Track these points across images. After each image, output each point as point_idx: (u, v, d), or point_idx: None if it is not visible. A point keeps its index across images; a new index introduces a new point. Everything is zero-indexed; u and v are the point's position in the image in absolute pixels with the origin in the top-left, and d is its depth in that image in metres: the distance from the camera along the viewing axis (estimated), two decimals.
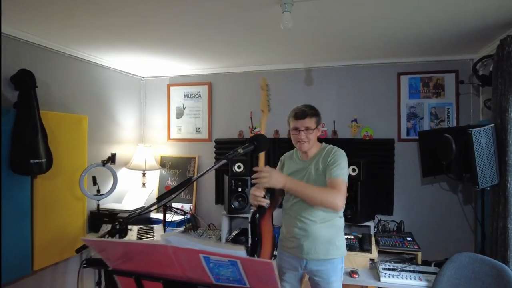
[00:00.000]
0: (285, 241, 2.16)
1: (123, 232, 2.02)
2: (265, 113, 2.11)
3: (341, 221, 2.14)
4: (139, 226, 2.72)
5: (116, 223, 1.84)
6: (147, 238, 2.46)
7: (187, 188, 4.02)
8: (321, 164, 2.04)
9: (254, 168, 1.92)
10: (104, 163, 3.26)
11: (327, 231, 2.02)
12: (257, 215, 1.98)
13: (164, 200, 1.79)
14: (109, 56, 3.57)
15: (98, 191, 3.29)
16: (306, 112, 2.04)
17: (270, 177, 1.84)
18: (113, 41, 3.04)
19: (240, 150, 1.77)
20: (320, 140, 2.24)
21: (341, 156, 2.04)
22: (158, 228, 2.74)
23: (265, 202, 1.94)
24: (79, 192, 3.14)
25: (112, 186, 3.36)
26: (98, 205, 3.30)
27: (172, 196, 1.78)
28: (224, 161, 1.75)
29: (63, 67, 3.23)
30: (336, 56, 3.46)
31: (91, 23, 2.55)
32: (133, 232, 2.60)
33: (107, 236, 1.77)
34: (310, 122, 2.05)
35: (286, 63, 3.75)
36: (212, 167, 1.74)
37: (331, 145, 2.15)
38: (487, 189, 2.44)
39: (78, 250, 1.94)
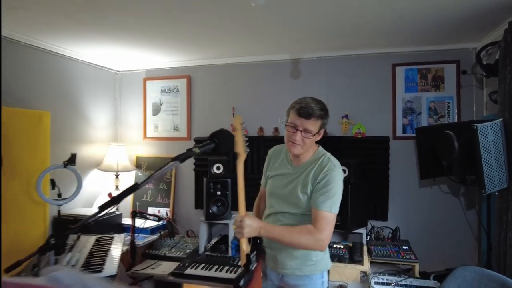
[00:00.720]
0: (266, 252, 1.91)
1: (60, 248, 1.69)
2: (242, 156, 1.67)
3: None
4: (98, 236, 2.41)
5: (51, 238, 1.55)
6: (102, 250, 2.14)
7: (164, 191, 3.77)
8: (310, 181, 1.70)
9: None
10: (65, 164, 2.92)
11: None
12: (241, 283, 1.51)
13: (106, 209, 1.44)
14: (76, 47, 3.26)
15: (59, 195, 2.95)
16: (313, 111, 1.64)
17: (243, 227, 1.54)
18: (78, 30, 2.77)
19: (196, 150, 1.44)
20: None
21: (335, 179, 1.68)
22: (118, 238, 2.42)
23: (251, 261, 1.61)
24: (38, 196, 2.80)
25: (76, 190, 3.02)
26: (59, 211, 2.97)
27: (115, 205, 1.44)
28: (175, 163, 1.42)
29: (19, 58, 2.90)
30: (325, 45, 3.17)
31: (45, 6, 2.24)
32: (89, 244, 2.27)
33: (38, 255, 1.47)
34: (313, 124, 1.66)
35: (270, 54, 3.44)
36: (160, 170, 1.42)
37: (328, 155, 1.79)
38: (494, 193, 2.12)
39: (8, 270, 1.61)
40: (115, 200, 1.39)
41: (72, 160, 2.88)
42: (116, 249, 2.19)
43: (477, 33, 2.76)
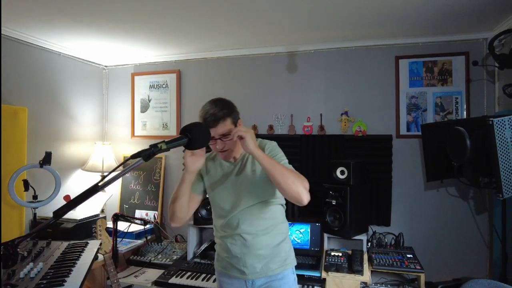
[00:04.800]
0: (223, 264, 1.76)
1: (9, 260, 1.47)
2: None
3: (284, 227, 1.77)
4: (70, 242, 2.19)
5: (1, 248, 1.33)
6: (71, 259, 1.91)
7: (152, 193, 3.55)
8: (258, 165, 1.62)
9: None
10: (41, 164, 2.71)
11: (270, 241, 1.68)
12: None
13: (62, 215, 1.21)
14: (59, 40, 3.08)
15: (35, 197, 2.75)
16: (215, 116, 1.54)
17: (248, 132, 1.45)
18: (60, 20, 2.64)
19: (163, 145, 1.22)
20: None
21: (277, 147, 1.70)
22: (93, 245, 2.20)
23: None
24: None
25: (54, 191, 2.82)
26: (35, 214, 2.77)
27: (71, 209, 1.21)
28: (140, 160, 1.19)
29: None
30: (322, 37, 2.97)
31: None
32: (58, 251, 2.05)
33: None
34: (224, 126, 1.55)
35: (265, 46, 3.24)
36: (125, 170, 1.20)
37: (259, 139, 1.71)
38: None
39: None
40: (71, 204, 1.17)
41: (47, 159, 2.68)
42: (88, 258, 1.96)
43: (488, 21, 2.55)
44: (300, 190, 1.46)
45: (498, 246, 2.25)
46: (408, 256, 2.63)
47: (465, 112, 2.83)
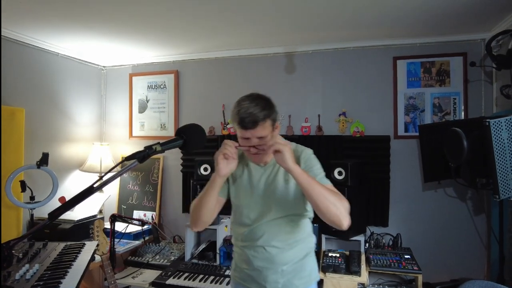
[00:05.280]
0: (241, 275, 1.60)
1: (4, 261, 1.47)
2: None
3: (311, 241, 1.64)
4: (67, 243, 2.18)
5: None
6: (67, 261, 1.91)
7: (150, 194, 3.55)
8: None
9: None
10: (38, 164, 2.71)
11: (295, 256, 1.54)
12: None
13: (57, 216, 1.20)
14: (56, 40, 3.07)
15: (32, 198, 2.74)
16: (256, 117, 1.37)
17: (287, 146, 1.31)
18: (58, 21, 2.63)
19: (157, 147, 1.20)
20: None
21: (314, 158, 1.54)
22: (89, 246, 2.19)
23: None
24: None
25: (51, 192, 2.81)
26: (32, 215, 2.77)
27: (67, 211, 1.21)
28: (135, 162, 1.19)
29: None
30: (321, 37, 2.96)
31: None
32: (54, 253, 2.04)
33: None
34: (263, 129, 1.39)
35: (263, 47, 3.23)
36: (120, 171, 1.20)
37: (295, 143, 1.57)
38: (510, 199, 1.87)
39: None
40: (66, 206, 1.16)
41: (44, 160, 2.67)
42: (84, 259, 1.95)
43: (486, 22, 2.54)
44: (341, 213, 1.31)
45: (496, 247, 2.24)
46: (406, 257, 2.63)
47: (463, 113, 2.82)
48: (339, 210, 1.31)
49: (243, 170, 1.56)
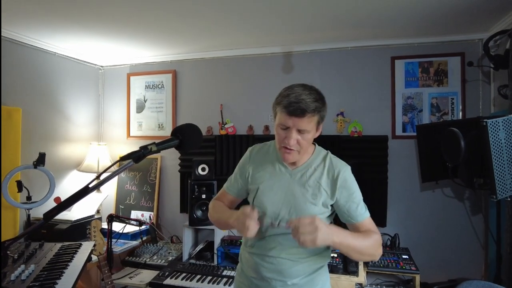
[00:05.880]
0: (248, 283, 1.49)
1: None
2: None
3: (327, 253, 1.48)
4: (64, 244, 2.17)
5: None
6: (64, 261, 1.90)
7: (148, 194, 3.54)
8: (323, 190, 1.36)
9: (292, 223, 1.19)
10: (35, 164, 2.70)
11: (308, 269, 1.40)
12: None
13: (53, 217, 1.19)
14: (54, 40, 3.06)
15: (29, 198, 2.73)
16: (307, 105, 1.24)
17: (317, 230, 1.12)
18: (55, 21, 2.62)
19: (152, 147, 1.19)
20: None
21: (352, 180, 1.39)
22: (86, 246, 2.18)
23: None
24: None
25: (48, 192, 2.80)
26: (28, 215, 2.76)
27: (63, 211, 1.19)
28: (130, 162, 1.18)
29: None
30: (318, 37, 2.95)
31: None
32: (51, 253, 2.03)
33: None
34: (309, 122, 1.27)
35: (261, 47, 3.22)
36: (116, 171, 1.18)
37: (329, 153, 1.46)
38: (506, 199, 1.87)
39: None
40: (62, 206, 1.15)
41: (41, 159, 2.66)
42: (81, 259, 1.95)
43: (484, 22, 2.53)
44: (372, 258, 1.33)
45: (493, 247, 2.24)
46: (404, 257, 2.63)
47: (460, 113, 2.82)
48: (372, 257, 1.32)
49: (267, 169, 1.44)
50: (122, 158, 1.15)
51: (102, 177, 1.13)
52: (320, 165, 1.40)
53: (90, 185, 1.12)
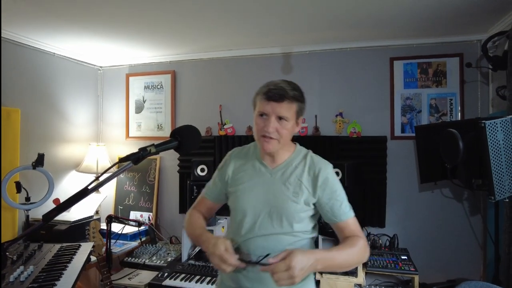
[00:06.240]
0: None
1: None
2: None
3: (312, 241, 1.43)
4: (63, 245, 2.17)
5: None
6: (63, 262, 1.90)
7: (147, 194, 3.54)
8: (304, 188, 1.32)
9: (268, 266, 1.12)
10: (34, 165, 2.69)
11: None
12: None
13: (52, 218, 1.19)
14: (52, 40, 3.06)
15: (28, 199, 2.72)
16: (285, 91, 1.29)
17: (294, 275, 1.06)
18: (54, 21, 2.62)
19: (151, 149, 1.19)
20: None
21: (334, 178, 1.37)
22: (85, 247, 2.18)
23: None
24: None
25: (47, 193, 2.79)
26: (27, 216, 2.75)
27: (62, 212, 1.19)
28: (130, 164, 1.18)
29: None
30: (317, 38, 2.96)
31: None
32: (50, 254, 2.03)
33: None
34: (288, 109, 1.29)
35: (260, 47, 3.23)
36: (115, 172, 1.19)
37: (310, 152, 1.44)
38: (504, 200, 1.88)
39: None
40: (61, 208, 1.15)
41: (39, 160, 2.65)
42: (80, 260, 1.95)
43: (482, 23, 2.54)
44: (361, 263, 1.33)
45: (492, 247, 2.25)
46: (403, 257, 2.63)
47: (459, 114, 2.83)
48: (359, 264, 1.32)
49: (247, 170, 1.41)
50: (122, 160, 1.15)
51: (101, 179, 1.13)
52: (301, 163, 1.38)
53: (90, 187, 1.13)
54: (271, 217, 1.31)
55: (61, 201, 1.51)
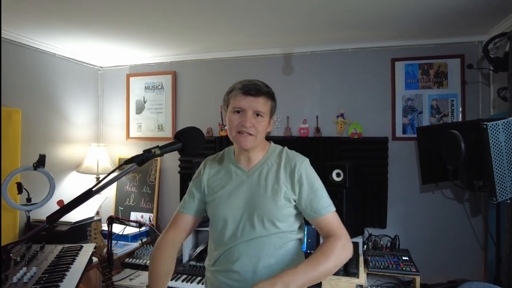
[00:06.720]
0: None
1: (1, 266, 1.44)
2: None
3: (299, 243, 1.39)
4: (65, 246, 2.17)
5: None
6: (65, 263, 1.90)
7: (148, 195, 3.53)
8: (281, 184, 1.29)
9: None
10: (35, 166, 2.68)
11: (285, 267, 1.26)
12: None
13: (56, 220, 1.19)
14: (53, 41, 3.05)
15: (29, 199, 2.72)
16: (261, 88, 1.30)
17: None
18: (54, 22, 2.61)
19: (156, 151, 1.19)
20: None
21: (311, 172, 1.34)
22: (87, 248, 2.18)
23: None
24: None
25: (48, 194, 2.79)
26: (28, 217, 2.74)
27: (65, 214, 1.20)
28: (134, 166, 1.18)
29: None
30: (318, 39, 2.96)
31: None
32: (52, 255, 2.03)
33: None
34: (264, 104, 1.30)
35: (261, 48, 3.22)
36: (118, 175, 1.19)
37: (285, 148, 1.42)
38: (506, 201, 1.88)
39: None
40: (65, 210, 1.15)
41: (41, 161, 2.65)
42: (82, 261, 1.94)
43: (483, 24, 2.54)
44: (345, 261, 1.23)
45: (493, 248, 2.25)
46: (404, 258, 2.62)
47: (460, 115, 2.83)
48: (344, 260, 1.22)
49: (222, 177, 1.37)
50: (126, 162, 1.16)
51: (104, 180, 1.13)
52: (276, 159, 1.36)
53: (94, 189, 1.13)
54: (252, 221, 1.27)
55: (64, 202, 1.51)
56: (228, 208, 1.31)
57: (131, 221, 3.06)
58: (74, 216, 2.96)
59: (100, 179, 1.16)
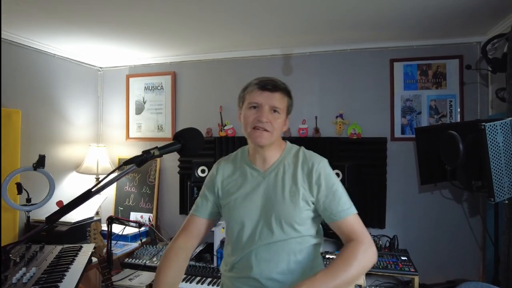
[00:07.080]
0: None
1: (0, 266, 1.46)
2: None
3: (318, 248, 1.34)
4: (64, 246, 2.17)
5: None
6: (64, 264, 1.90)
7: (147, 195, 3.54)
8: (299, 186, 1.24)
9: None
10: (35, 166, 2.69)
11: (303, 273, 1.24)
12: None
13: (55, 221, 1.20)
14: (52, 41, 3.06)
15: (29, 200, 2.72)
16: (277, 84, 1.26)
17: None
18: (54, 22, 2.61)
19: (155, 151, 1.19)
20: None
21: (330, 173, 1.28)
22: (86, 249, 2.18)
23: None
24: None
25: (47, 194, 2.79)
26: (28, 217, 2.74)
27: (65, 215, 1.20)
28: (133, 166, 1.18)
29: None
30: (318, 39, 2.97)
31: None
32: (51, 256, 2.03)
33: None
34: (281, 100, 1.25)
35: (260, 49, 3.23)
36: (118, 175, 1.20)
37: (301, 148, 1.36)
38: (504, 201, 1.89)
39: None
40: (64, 210, 1.16)
41: (40, 162, 2.65)
42: (81, 262, 1.95)
43: (482, 25, 2.55)
44: (369, 267, 1.15)
45: (491, 248, 2.26)
46: (403, 258, 2.63)
47: (459, 115, 2.84)
48: (367, 266, 1.14)
49: (237, 178, 1.32)
50: (125, 163, 1.16)
51: (104, 181, 1.14)
52: (293, 159, 1.30)
53: (93, 189, 1.14)
54: (270, 224, 1.22)
55: (64, 203, 1.51)
56: (245, 211, 1.26)
57: (131, 221, 3.07)
58: (74, 216, 2.96)
59: (99, 180, 1.17)
